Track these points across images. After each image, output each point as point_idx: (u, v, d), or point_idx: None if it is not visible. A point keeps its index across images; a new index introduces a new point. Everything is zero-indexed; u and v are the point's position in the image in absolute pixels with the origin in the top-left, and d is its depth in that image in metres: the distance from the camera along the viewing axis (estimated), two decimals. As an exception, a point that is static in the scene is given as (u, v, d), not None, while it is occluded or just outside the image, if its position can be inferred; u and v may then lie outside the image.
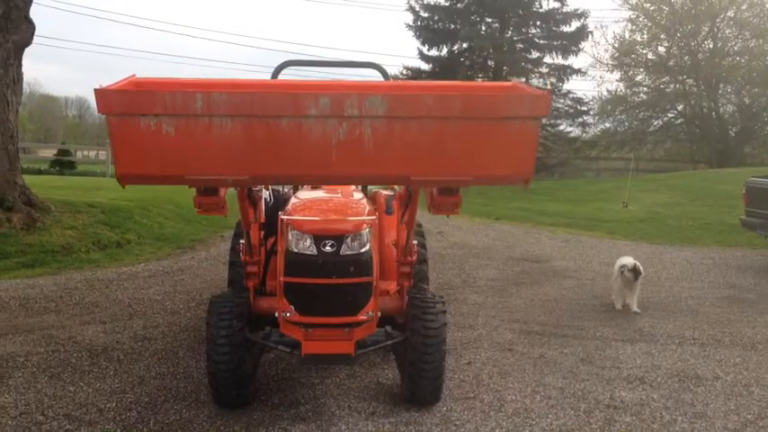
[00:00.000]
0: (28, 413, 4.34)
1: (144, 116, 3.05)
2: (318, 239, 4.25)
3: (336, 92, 3.04)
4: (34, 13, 10.61)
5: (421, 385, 4.46)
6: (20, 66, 10.55)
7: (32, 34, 10.60)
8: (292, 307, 4.19)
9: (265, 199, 5.18)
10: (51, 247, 9.53)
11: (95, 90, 2.97)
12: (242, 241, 4.77)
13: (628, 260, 7.47)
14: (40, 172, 23.84)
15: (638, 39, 36.04)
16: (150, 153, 3.14)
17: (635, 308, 7.37)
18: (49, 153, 33.45)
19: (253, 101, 3.09)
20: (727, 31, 34.53)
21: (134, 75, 3.67)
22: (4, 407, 4.43)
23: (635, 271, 7.26)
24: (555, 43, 30.96)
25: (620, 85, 37.18)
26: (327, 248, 4.24)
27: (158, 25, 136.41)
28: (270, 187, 5.31)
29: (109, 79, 3.39)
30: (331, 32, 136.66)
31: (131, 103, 3.08)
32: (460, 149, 3.24)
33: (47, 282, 8.15)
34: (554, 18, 30.84)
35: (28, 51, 10.69)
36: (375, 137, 3.15)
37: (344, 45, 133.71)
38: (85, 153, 44.20)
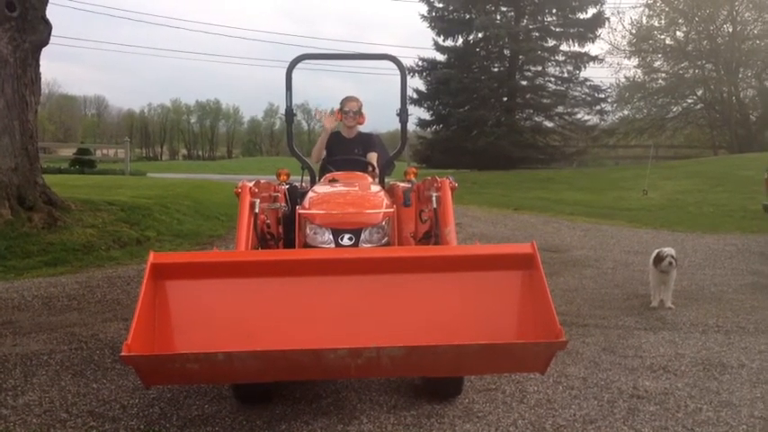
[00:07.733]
0: (52, 411, 4.38)
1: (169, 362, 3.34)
2: (337, 233, 4.23)
3: (353, 347, 3.24)
4: (50, 12, 10.69)
5: (442, 377, 4.44)
6: (38, 66, 10.63)
7: (49, 34, 10.68)
8: None
9: (284, 211, 5.18)
10: (72, 245, 9.63)
11: (122, 356, 3.08)
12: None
13: (665, 250, 7.06)
14: (60, 171, 24.05)
15: (656, 24, 35.52)
16: (176, 375, 3.46)
17: (669, 303, 7.03)
18: (68, 152, 33.78)
19: (275, 357, 3.27)
20: (746, 15, 34.01)
21: (150, 251, 3.81)
22: (28, 405, 4.47)
23: (668, 258, 6.86)
24: (571, 30, 30.69)
25: (638, 71, 36.61)
26: (346, 241, 4.24)
27: (173, 22, 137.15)
28: (287, 203, 5.26)
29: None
30: (344, 24, 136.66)
31: (156, 363, 3.31)
32: (478, 360, 3.54)
33: (69, 280, 8.22)
34: (570, 5, 30.58)
35: (45, 51, 10.78)
36: (393, 363, 3.32)
37: (359, 37, 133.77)
38: (104, 151, 44.76)
